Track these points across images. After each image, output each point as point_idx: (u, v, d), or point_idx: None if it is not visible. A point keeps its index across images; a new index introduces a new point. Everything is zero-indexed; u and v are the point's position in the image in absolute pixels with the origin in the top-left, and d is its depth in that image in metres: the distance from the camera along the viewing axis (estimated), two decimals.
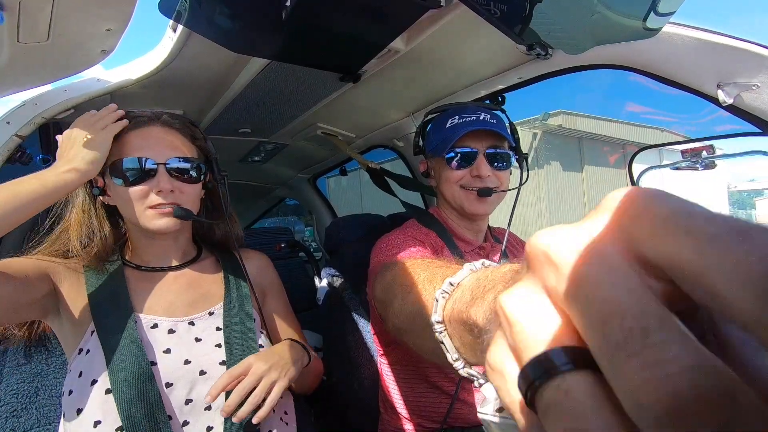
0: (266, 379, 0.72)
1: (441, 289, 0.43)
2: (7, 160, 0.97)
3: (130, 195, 0.77)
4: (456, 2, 0.83)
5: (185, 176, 0.81)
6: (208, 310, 0.83)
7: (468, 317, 0.36)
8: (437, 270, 0.59)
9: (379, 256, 0.92)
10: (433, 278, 0.57)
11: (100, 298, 0.75)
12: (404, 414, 1.02)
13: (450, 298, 0.42)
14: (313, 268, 2.16)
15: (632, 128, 18.34)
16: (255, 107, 1.36)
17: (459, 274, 0.43)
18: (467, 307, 0.37)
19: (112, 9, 0.70)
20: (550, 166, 16.83)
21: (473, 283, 0.39)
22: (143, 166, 0.77)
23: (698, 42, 0.87)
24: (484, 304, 0.34)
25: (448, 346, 0.42)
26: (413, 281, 0.61)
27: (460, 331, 0.39)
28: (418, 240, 0.95)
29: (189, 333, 0.79)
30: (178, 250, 0.87)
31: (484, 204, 1.00)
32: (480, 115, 1.00)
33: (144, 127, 0.80)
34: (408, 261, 0.73)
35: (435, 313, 0.42)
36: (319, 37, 0.93)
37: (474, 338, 0.37)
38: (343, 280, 1.26)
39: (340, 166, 2.16)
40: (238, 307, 0.85)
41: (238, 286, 0.88)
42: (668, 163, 1.66)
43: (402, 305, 0.61)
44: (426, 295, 0.54)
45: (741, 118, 0.92)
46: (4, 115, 0.96)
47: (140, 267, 0.84)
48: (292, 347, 0.82)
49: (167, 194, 0.78)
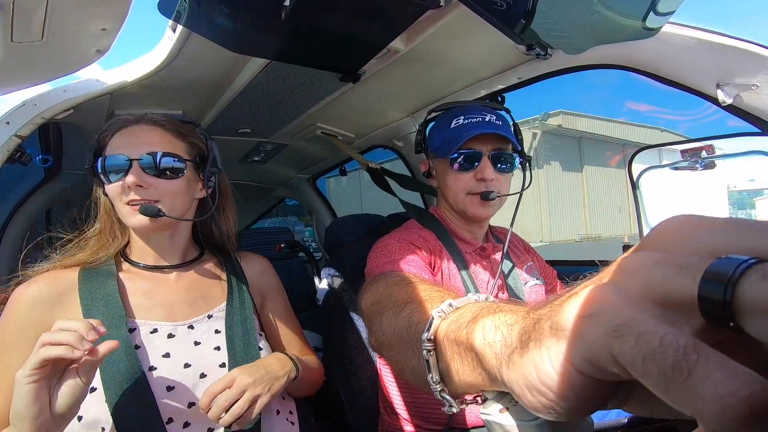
0: (249, 393, 0.71)
1: (439, 308, 0.42)
2: (7, 160, 0.97)
3: (112, 192, 0.78)
4: (455, 2, 0.83)
5: (160, 172, 0.79)
6: (207, 312, 0.83)
7: (467, 336, 0.35)
8: (436, 293, 0.59)
9: (373, 261, 0.92)
10: (431, 299, 0.56)
11: (94, 311, 0.75)
12: (404, 416, 1.02)
13: (446, 318, 0.41)
14: (313, 268, 2.16)
15: (632, 128, 18.35)
16: (255, 107, 1.36)
17: (461, 300, 0.43)
18: (468, 325, 0.36)
19: (107, 8, 0.70)
20: (549, 166, 16.84)
21: (477, 308, 0.38)
22: (117, 163, 0.77)
23: (698, 42, 0.87)
24: (495, 319, 0.33)
25: (432, 367, 0.41)
26: (408, 298, 0.60)
27: (450, 349, 0.38)
28: (415, 246, 0.94)
29: (188, 337, 0.79)
30: (177, 250, 0.87)
31: (487, 207, 1.00)
32: (486, 116, 0.99)
33: (128, 127, 0.81)
34: (405, 277, 0.72)
35: (427, 331, 0.41)
36: (319, 37, 0.93)
37: (461, 358, 0.36)
38: (342, 280, 1.26)
39: (340, 166, 2.16)
40: (240, 311, 0.85)
41: (239, 289, 0.89)
42: (668, 163, 1.66)
43: (392, 319, 0.59)
44: (420, 313, 0.53)
45: (740, 118, 0.92)
46: (4, 116, 0.96)
47: (142, 266, 0.84)
48: (280, 361, 0.82)
49: (138, 190, 0.77)
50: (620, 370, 0.20)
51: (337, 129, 1.63)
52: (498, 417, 0.38)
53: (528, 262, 1.12)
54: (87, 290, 0.77)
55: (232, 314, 0.84)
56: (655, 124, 18.41)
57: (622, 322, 0.20)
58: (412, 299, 0.59)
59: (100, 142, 0.82)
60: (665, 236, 0.23)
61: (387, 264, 0.87)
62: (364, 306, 0.77)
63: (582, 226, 17.88)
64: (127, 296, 0.79)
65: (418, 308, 0.55)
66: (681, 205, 11.34)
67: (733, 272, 0.17)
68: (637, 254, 0.23)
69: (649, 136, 17.71)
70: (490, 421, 0.38)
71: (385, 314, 0.62)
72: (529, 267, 1.11)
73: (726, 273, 0.17)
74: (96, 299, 0.76)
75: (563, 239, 16.76)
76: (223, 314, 0.84)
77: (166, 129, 0.83)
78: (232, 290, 0.87)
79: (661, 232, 0.23)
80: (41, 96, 0.99)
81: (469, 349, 0.34)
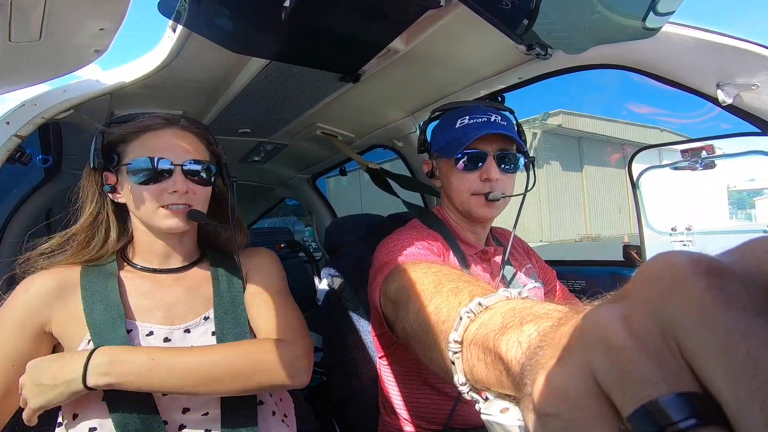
0: (24, 391, 0.69)
1: (468, 308, 0.41)
2: (7, 160, 0.97)
3: (145, 193, 0.78)
4: (456, 2, 0.83)
5: (197, 178, 0.82)
6: (204, 314, 0.83)
7: (495, 346, 0.34)
8: (464, 285, 0.56)
9: (387, 255, 0.89)
10: (458, 292, 0.54)
11: (96, 311, 0.75)
12: (404, 415, 1.02)
13: (476, 320, 0.40)
14: (313, 268, 2.16)
15: (632, 128, 18.37)
16: (255, 107, 1.36)
17: (491, 298, 0.41)
18: (496, 335, 0.35)
19: (105, 8, 0.70)
20: (549, 166, 16.85)
21: (507, 311, 0.37)
22: (160, 167, 0.78)
23: (698, 42, 0.87)
24: (521, 335, 0.32)
25: (458, 369, 0.40)
26: (435, 289, 0.58)
27: (478, 356, 0.37)
28: (427, 243, 0.94)
29: (184, 341, 0.78)
30: (182, 252, 0.87)
31: (491, 208, 0.99)
32: (491, 116, 0.98)
33: (161, 129, 0.81)
34: (429, 265, 0.70)
35: (455, 331, 0.40)
36: (319, 37, 0.93)
37: (491, 368, 0.35)
38: (342, 280, 1.26)
39: (340, 166, 2.16)
40: (232, 310, 0.84)
41: (230, 287, 0.87)
42: (668, 163, 1.66)
43: (418, 312, 0.58)
44: (449, 309, 0.51)
45: (740, 118, 0.92)
46: (4, 116, 0.96)
47: (144, 268, 0.84)
48: (69, 364, 0.68)
49: (182, 195, 0.79)
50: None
51: (337, 129, 1.63)
52: (499, 417, 0.38)
53: (527, 264, 1.12)
54: (88, 288, 0.77)
55: (223, 316, 0.82)
56: (655, 124, 18.43)
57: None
58: (440, 290, 0.57)
59: (116, 141, 0.81)
60: (655, 282, 0.20)
61: (405, 256, 0.85)
62: (390, 294, 0.75)
63: (582, 226, 17.89)
64: (127, 296, 0.79)
65: (445, 301, 0.54)
66: (681, 205, 11.33)
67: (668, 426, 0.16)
68: (605, 314, 0.20)
69: (649, 136, 17.73)
70: (491, 421, 0.38)
71: (412, 303, 0.61)
72: (528, 269, 1.11)
73: (662, 421, 0.16)
74: (97, 298, 0.76)
75: (563, 239, 16.77)
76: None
77: (197, 136, 0.85)
78: (220, 291, 0.85)
79: (647, 278, 0.20)
80: (41, 96, 0.99)
81: (498, 359, 0.34)
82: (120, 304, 0.76)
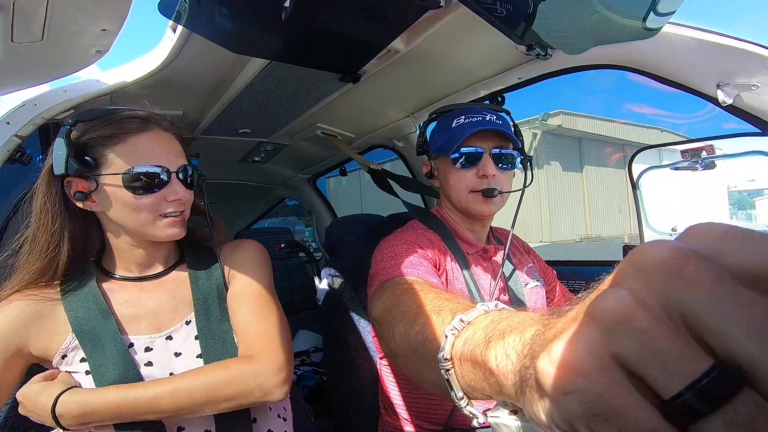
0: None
1: (451, 326, 0.42)
2: (7, 160, 0.97)
3: (143, 203, 0.73)
4: (456, 2, 0.83)
5: (187, 182, 0.79)
6: (185, 318, 0.79)
7: (484, 361, 0.35)
8: (445, 303, 0.57)
9: (380, 264, 0.90)
10: (440, 310, 0.55)
11: (86, 326, 0.73)
12: (405, 416, 1.02)
13: (459, 336, 0.41)
14: (313, 268, 2.16)
15: (632, 128, 18.36)
16: (255, 107, 1.36)
17: (471, 313, 0.42)
18: (482, 350, 0.36)
19: (107, 9, 0.70)
20: (549, 166, 16.84)
21: (487, 324, 0.38)
22: (157, 175, 0.74)
23: (698, 42, 0.87)
24: (506, 346, 0.33)
25: (454, 384, 0.41)
26: (418, 309, 0.59)
27: (469, 370, 0.38)
28: (421, 247, 0.94)
29: (167, 348, 0.76)
30: (162, 257, 0.84)
31: (490, 204, 1.00)
32: (486, 115, 1.00)
33: (144, 132, 0.75)
34: (412, 283, 0.71)
35: (443, 350, 0.41)
36: (319, 38, 0.93)
37: (483, 379, 0.36)
38: (342, 280, 1.26)
39: (340, 166, 2.16)
40: (213, 310, 0.80)
41: (209, 286, 0.82)
42: (668, 163, 1.66)
43: (405, 333, 0.58)
44: (433, 328, 0.53)
45: (740, 118, 0.92)
46: (4, 116, 0.96)
47: (124, 277, 0.81)
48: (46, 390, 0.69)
49: (181, 202, 0.77)
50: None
51: (337, 129, 1.63)
52: (507, 419, 0.38)
53: (528, 264, 1.12)
54: (72, 305, 0.75)
55: (204, 319, 0.79)
56: (656, 125, 18.43)
57: (601, 409, 0.20)
58: (422, 310, 0.59)
59: (90, 144, 0.72)
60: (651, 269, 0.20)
61: (394, 267, 0.86)
62: (374, 314, 0.77)
63: (582, 226, 17.88)
64: (113, 308, 0.76)
65: (428, 321, 0.55)
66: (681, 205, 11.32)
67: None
68: (618, 298, 0.20)
69: (649, 136, 17.71)
70: (498, 423, 0.38)
71: (397, 325, 0.62)
72: (530, 268, 1.11)
73: (715, 392, 0.18)
74: (86, 314, 0.74)
75: (563, 239, 16.77)
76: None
77: (177, 137, 0.81)
78: (200, 291, 0.81)
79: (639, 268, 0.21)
80: (41, 96, 0.99)
81: (490, 373, 0.35)
82: (112, 318, 0.74)
